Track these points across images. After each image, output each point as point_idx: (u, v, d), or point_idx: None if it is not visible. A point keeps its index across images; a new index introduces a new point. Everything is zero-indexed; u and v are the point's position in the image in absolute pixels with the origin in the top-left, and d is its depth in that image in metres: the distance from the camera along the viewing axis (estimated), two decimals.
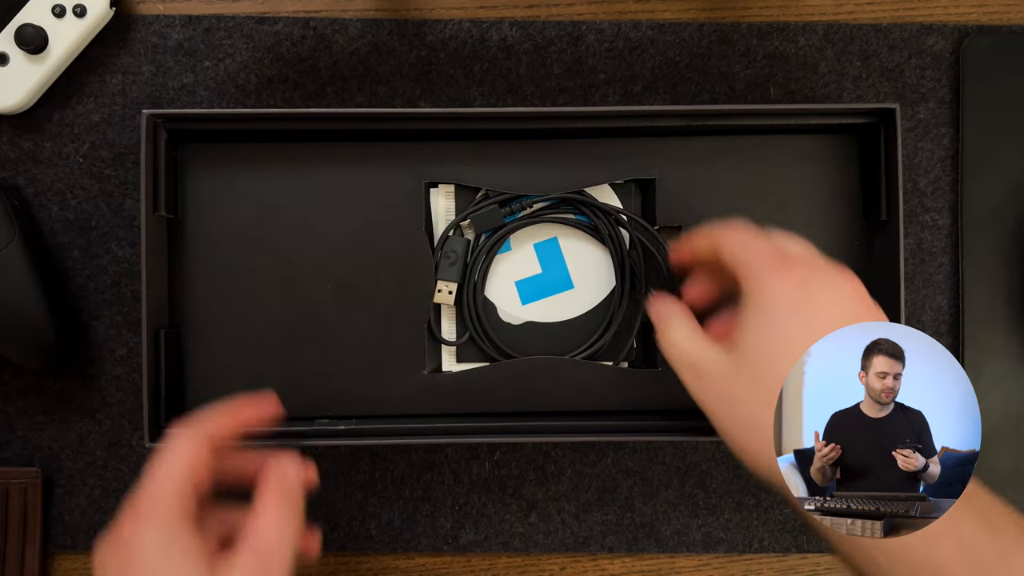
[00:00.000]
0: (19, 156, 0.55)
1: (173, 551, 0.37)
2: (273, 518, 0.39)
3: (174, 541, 0.38)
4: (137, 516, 0.38)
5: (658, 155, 0.51)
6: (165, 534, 0.38)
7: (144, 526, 0.38)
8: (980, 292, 0.55)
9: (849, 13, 0.56)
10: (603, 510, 0.56)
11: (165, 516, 0.38)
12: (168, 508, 0.38)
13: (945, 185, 0.56)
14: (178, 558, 0.37)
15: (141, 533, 0.38)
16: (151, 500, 0.39)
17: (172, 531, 0.38)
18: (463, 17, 0.56)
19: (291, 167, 0.51)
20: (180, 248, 0.51)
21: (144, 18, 0.55)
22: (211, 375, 0.51)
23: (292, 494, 0.40)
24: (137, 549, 0.37)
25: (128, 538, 0.38)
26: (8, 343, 0.52)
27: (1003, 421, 0.55)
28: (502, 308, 0.51)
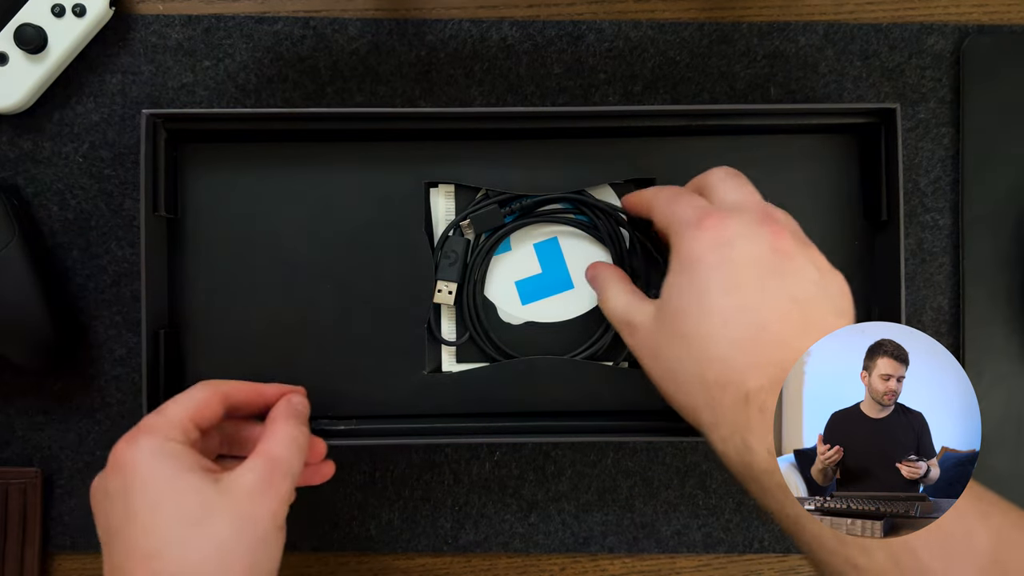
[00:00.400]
0: (19, 156, 0.55)
1: (169, 462, 0.38)
2: (282, 430, 0.41)
3: (172, 455, 0.38)
4: (135, 435, 0.39)
5: (658, 155, 0.51)
6: (163, 448, 0.38)
7: (142, 441, 0.38)
8: (981, 292, 0.55)
9: (850, 13, 0.56)
10: (603, 510, 0.56)
11: (163, 435, 0.39)
12: (167, 429, 0.39)
13: (946, 185, 0.56)
14: (173, 466, 0.38)
15: (138, 447, 0.38)
16: (150, 423, 0.40)
17: (170, 447, 0.39)
18: (463, 17, 0.56)
19: (291, 167, 0.51)
20: (180, 248, 0.51)
21: (144, 18, 0.55)
22: (211, 375, 0.50)
23: (300, 415, 0.43)
24: (133, 463, 0.38)
25: (125, 454, 0.38)
26: (8, 343, 0.52)
27: (1003, 421, 0.55)
28: (502, 308, 0.51)
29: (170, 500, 0.37)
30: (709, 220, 0.41)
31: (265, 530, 0.38)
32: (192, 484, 0.38)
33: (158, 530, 0.37)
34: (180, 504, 0.37)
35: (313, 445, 0.45)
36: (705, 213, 0.41)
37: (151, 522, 0.37)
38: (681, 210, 0.42)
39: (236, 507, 0.38)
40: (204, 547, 0.36)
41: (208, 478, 0.38)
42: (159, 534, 0.36)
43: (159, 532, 0.36)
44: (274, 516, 0.39)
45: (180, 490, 0.37)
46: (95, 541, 0.55)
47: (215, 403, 0.42)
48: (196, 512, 0.37)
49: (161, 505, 0.37)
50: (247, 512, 0.38)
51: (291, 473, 0.40)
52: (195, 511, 0.37)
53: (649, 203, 0.45)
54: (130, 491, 0.37)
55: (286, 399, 0.44)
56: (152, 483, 0.37)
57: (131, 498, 0.37)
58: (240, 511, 0.38)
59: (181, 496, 0.37)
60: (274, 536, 0.38)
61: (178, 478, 0.38)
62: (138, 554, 0.36)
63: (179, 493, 0.37)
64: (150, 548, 0.36)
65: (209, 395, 0.42)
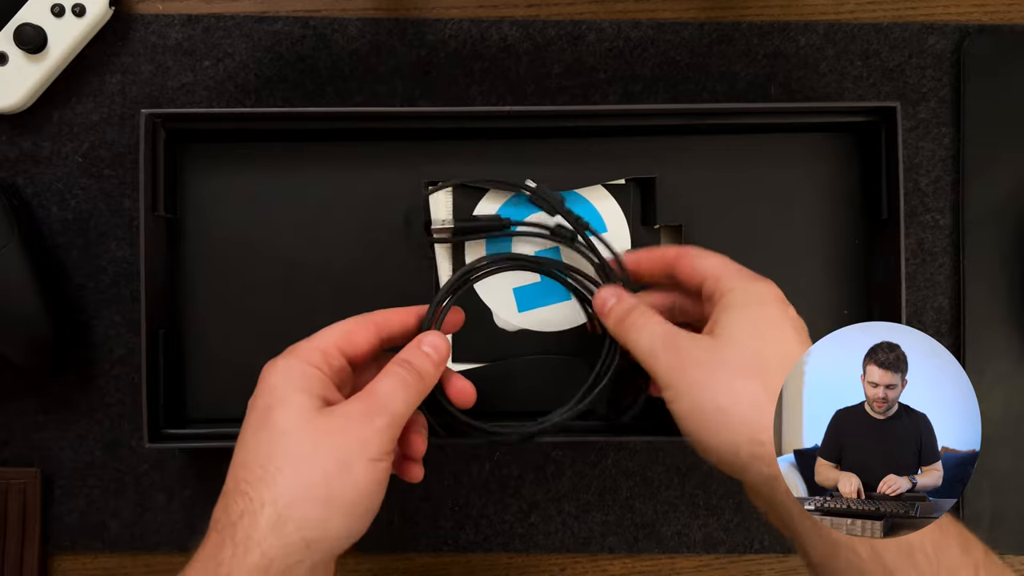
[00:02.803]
0: (18, 156, 0.55)
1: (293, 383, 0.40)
2: (392, 370, 0.41)
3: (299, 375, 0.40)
4: (280, 357, 0.41)
5: (658, 155, 0.51)
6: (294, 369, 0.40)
7: (280, 362, 0.41)
8: (981, 292, 0.55)
9: (850, 12, 0.56)
10: (603, 510, 0.56)
11: (303, 358, 0.41)
12: (309, 354, 0.41)
13: (946, 185, 0.56)
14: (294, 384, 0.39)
15: (276, 367, 0.40)
16: (298, 346, 0.41)
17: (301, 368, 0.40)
18: (463, 17, 0.56)
19: (291, 167, 0.51)
20: (179, 248, 0.51)
21: (143, 17, 0.55)
22: (210, 375, 0.51)
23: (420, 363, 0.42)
24: (266, 380, 0.40)
25: (265, 371, 0.41)
26: (7, 343, 0.52)
27: (1004, 421, 0.55)
28: (498, 314, 0.51)
29: (272, 416, 0.39)
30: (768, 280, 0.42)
31: (348, 455, 0.38)
32: (297, 402, 0.39)
33: (252, 442, 0.38)
34: (278, 420, 0.38)
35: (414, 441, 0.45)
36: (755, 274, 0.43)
37: (252, 434, 0.39)
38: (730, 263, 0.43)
39: (324, 430, 0.38)
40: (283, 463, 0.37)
41: (316, 402, 0.39)
42: (251, 446, 0.38)
43: (252, 444, 0.38)
44: (363, 444, 0.38)
45: (284, 406, 0.39)
46: (95, 541, 0.55)
47: (365, 330, 0.43)
48: (288, 429, 0.38)
49: (265, 420, 0.39)
50: (333, 436, 0.38)
51: (390, 410, 0.40)
52: (287, 428, 0.38)
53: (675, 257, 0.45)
54: (255, 405, 0.40)
55: (416, 342, 0.43)
56: (269, 398, 0.39)
57: (253, 411, 0.39)
58: (327, 434, 0.38)
59: (282, 412, 0.39)
60: (362, 465, 0.38)
61: (288, 395, 0.39)
62: (234, 462, 0.39)
63: (282, 409, 0.39)
64: (241, 457, 0.38)
65: (358, 322, 0.43)
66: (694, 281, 0.44)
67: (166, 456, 0.55)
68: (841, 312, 0.52)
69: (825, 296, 0.52)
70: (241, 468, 0.38)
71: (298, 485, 0.37)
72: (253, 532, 0.36)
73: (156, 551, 0.55)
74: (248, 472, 0.37)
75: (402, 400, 0.40)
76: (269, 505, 0.36)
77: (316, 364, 0.41)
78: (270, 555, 0.36)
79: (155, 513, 0.55)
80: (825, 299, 0.52)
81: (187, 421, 0.51)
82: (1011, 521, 0.55)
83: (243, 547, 0.36)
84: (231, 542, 0.36)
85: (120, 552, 0.55)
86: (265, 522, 0.36)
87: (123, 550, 0.55)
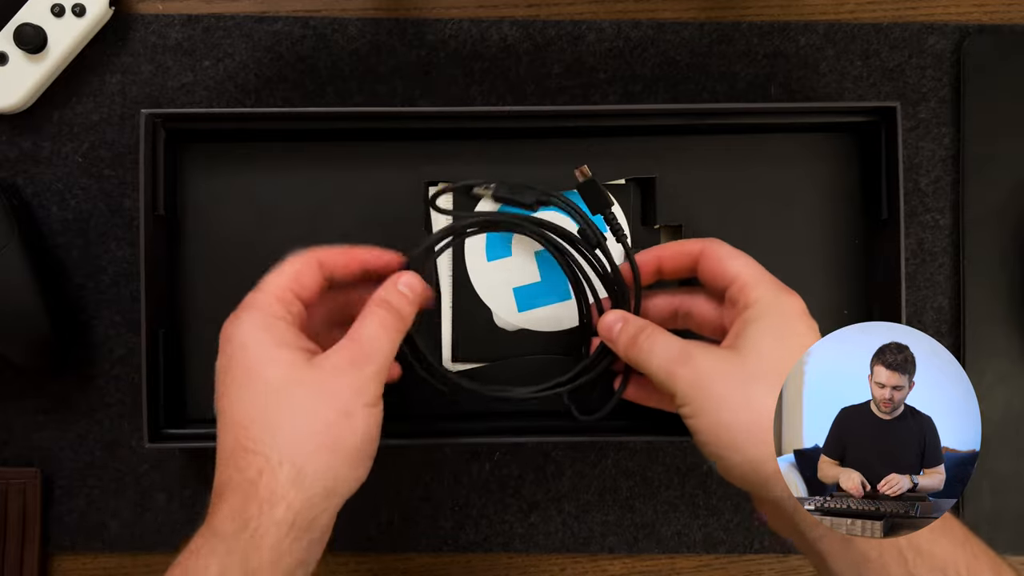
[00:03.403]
0: (18, 156, 0.55)
1: (265, 336, 0.40)
2: (373, 314, 0.41)
3: (269, 329, 0.40)
4: (237, 313, 0.41)
5: (658, 154, 0.51)
6: (261, 323, 0.40)
7: (243, 317, 0.40)
8: (981, 292, 0.55)
9: (850, 12, 0.56)
10: (603, 510, 0.56)
11: (263, 310, 0.40)
12: (267, 304, 0.41)
13: (946, 185, 0.56)
14: (269, 340, 0.39)
15: (239, 324, 0.40)
16: (250, 299, 0.41)
17: (268, 322, 0.40)
18: (463, 17, 0.56)
19: (291, 167, 0.51)
20: (179, 248, 0.51)
21: (143, 17, 0.55)
22: (210, 375, 0.50)
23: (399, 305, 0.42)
24: (233, 338, 0.40)
25: (227, 330, 0.40)
26: (7, 343, 0.52)
27: (1004, 421, 0.55)
28: (497, 313, 0.51)
29: (260, 373, 0.39)
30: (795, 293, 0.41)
31: (347, 404, 0.38)
32: (283, 358, 0.39)
33: (246, 401, 0.39)
34: (269, 377, 0.39)
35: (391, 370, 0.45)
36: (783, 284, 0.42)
37: (242, 394, 0.39)
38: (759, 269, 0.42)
39: (318, 382, 0.39)
40: (285, 418, 0.38)
41: (301, 355, 0.39)
42: (247, 405, 0.38)
43: (247, 403, 0.38)
44: (357, 392, 0.39)
45: (271, 362, 0.39)
46: (95, 541, 0.55)
47: (312, 270, 0.43)
48: (282, 385, 0.38)
49: (252, 378, 0.39)
50: (329, 387, 0.39)
51: (378, 355, 0.40)
52: (281, 384, 0.38)
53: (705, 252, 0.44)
54: (229, 366, 0.40)
55: (390, 280, 0.43)
56: (247, 357, 0.39)
57: (229, 372, 0.39)
58: (322, 385, 0.39)
59: (271, 369, 0.39)
60: (361, 412, 0.39)
61: (270, 351, 0.39)
62: (229, 423, 0.39)
63: (269, 366, 0.39)
64: (239, 418, 0.38)
65: (304, 263, 0.43)
66: (719, 283, 0.43)
67: (166, 456, 0.55)
68: (841, 312, 0.52)
69: (825, 296, 0.52)
70: (240, 428, 0.38)
71: (307, 438, 0.38)
72: (276, 487, 0.37)
73: (156, 551, 0.55)
74: (251, 431, 0.38)
75: (387, 343, 0.41)
76: (287, 461, 0.37)
77: (280, 315, 0.41)
78: (295, 508, 0.37)
79: (155, 513, 0.55)
80: (825, 299, 0.51)
81: (187, 421, 0.51)
82: (1011, 521, 0.55)
83: (268, 503, 0.37)
84: (255, 499, 0.37)
85: (120, 552, 0.55)
86: (285, 477, 0.37)
87: (123, 550, 0.55)
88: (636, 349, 0.43)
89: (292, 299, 0.42)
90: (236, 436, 0.38)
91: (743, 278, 0.42)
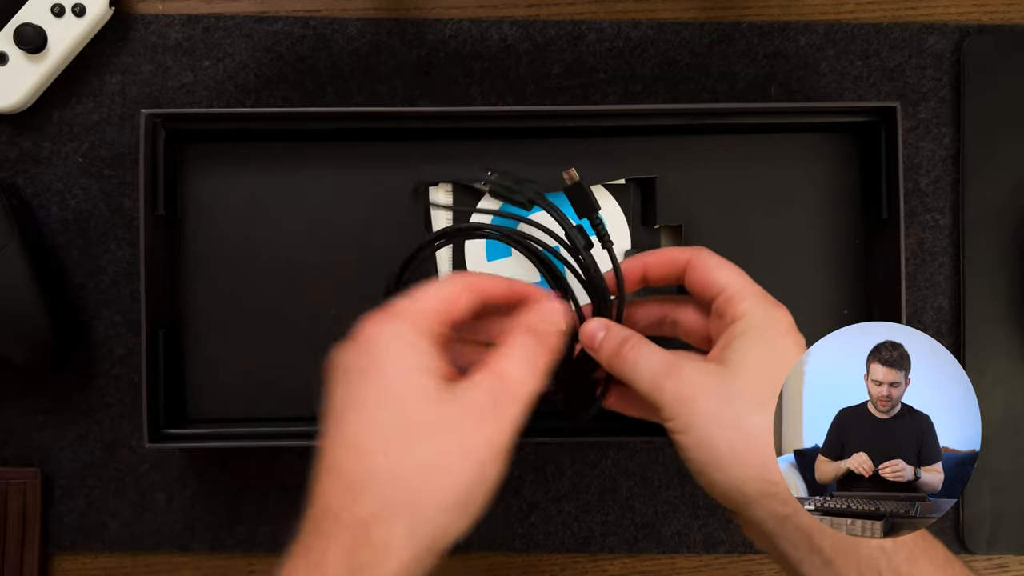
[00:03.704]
0: (18, 156, 0.55)
1: (412, 357, 0.36)
2: (521, 344, 0.38)
3: (414, 347, 0.36)
4: (386, 317, 0.37)
5: (658, 155, 0.51)
6: (407, 338, 0.36)
7: (391, 326, 0.37)
8: (981, 292, 0.55)
9: (850, 12, 0.56)
10: (603, 510, 0.56)
11: (412, 323, 0.37)
12: (419, 320, 0.37)
13: (946, 185, 0.56)
14: (414, 362, 0.36)
15: (389, 333, 0.37)
16: (403, 307, 0.38)
17: (414, 339, 0.37)
18: (463, 17, 0.56)
19: (291, 167, 0.51)
20: (179, 248, 0.51)
21: (143, 17, 0.55)
22: (210, 375, 0.51)
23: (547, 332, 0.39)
24: (379, 347, 0.36)
25: (371, 334, 0.37)
26: (7, 343, 0.52)
27: (1004, 421, 0.55)
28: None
29: (397, 401, 0.36)
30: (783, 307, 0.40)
31: (483, 454, 0.35)
32: (426, 387, 0.36)
33: (380, 428, 0.35)
34: (407, 409, 0.35)
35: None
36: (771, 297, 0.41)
37: (375, 417, 0.35)
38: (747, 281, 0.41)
39: (457, 426, 0.35)
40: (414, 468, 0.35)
41: (442, 385, 0.36)
42: (376, 430, 0.35)
43: (376, 428, 0.35)
44: (496, 440, 0.36)
45: (410, 390, 0.36)
46: (95, 541, 0.55)
47: (472, 295, 0.39)
48: (419, 422, 0.35)
49: (387, 402, 0.36)
50: (467, 433, 0.35)
51: (522, 396, 0.37)
52: (418, 420, 0.35)
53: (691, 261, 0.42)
54: (367, 375, 0.36)
55: (539, 307, 0.40)
56: (389, 375, 0.36)
57: (366, 383, 0.36)
58: (461, 431, 0.35)
59: (410, 400, 0.36)
60: (495, 463, 0.36)
61: (412, 377, 0.36)
62: (352, 444, 0.35)
63: (409, 395, 0.36)
64: (364, 442, 0.35)
65: (466, 286, 0.39)
66: (706, 294, 0.42)
67: (166, 456, 0.55)
68: (841, 312, 0.52)
69: (825, 296, 0.52)
70: (364, 454, 0.35)
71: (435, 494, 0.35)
72: (391, 540, 0.34)
73: (156, 551, 0.55)
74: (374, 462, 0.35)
75: (534, 382, 0.38)
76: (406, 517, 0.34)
77: (427, 333, 0.37)
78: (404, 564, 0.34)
79: (155, 513, 0.55)
80: (825, 299, 0.51)
81: (187, 421, 0.51)
82: (1011, 521, 0.55)
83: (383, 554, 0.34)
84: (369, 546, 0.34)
85: (120, 552, 0.55)
86: (401, 532, 0.34)
87: (123, 550, 0.55)
88: (620, 359, 0.41)
89: (444, 320, 0.38)
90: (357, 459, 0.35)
91: (731, 289, 0.41)
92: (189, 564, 0.55)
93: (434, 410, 0.35)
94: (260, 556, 0.56)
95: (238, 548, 0.56)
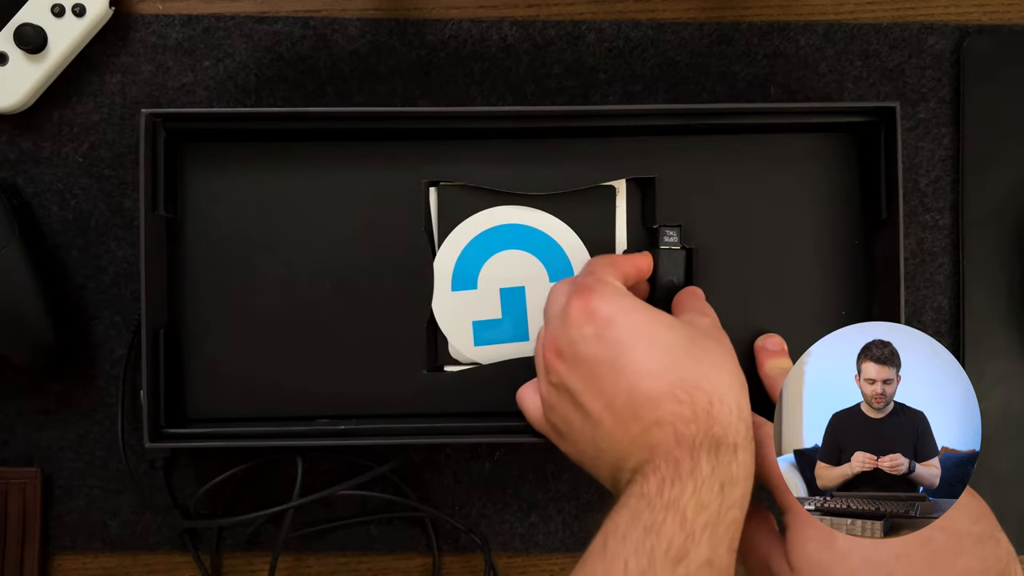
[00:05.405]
0: (18, 156, 0.55)
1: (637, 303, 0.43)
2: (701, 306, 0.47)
3: (632, 298, 0.43)
4: (597, 288, 0.42)
5: (658, 154, 0.51)
6: (624, 291, 0.44)
7: (608, 292, 0.43)
8: (981, 292, 0.55)
9: (850, 13, 0.56)
10: (603, 510, 0.56)
11: (615, 285, 0.44)
12: (614, 280, 0.44)
13: (945, 185, 0.56)
14: (644, 307, 0.43)
15: (612, 297, 0.42)
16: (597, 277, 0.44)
17: (625, 292, 0.44)
18: (463, 17, 0.56)
19: (291, 167, 0.51)
20: (180, 248, 0.51)
21: (143, 17, 0.55)
22: (211, 375, 0.51)
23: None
24: (613, 309, 0.42)
25: (600, 306, 0.42)
26: (7, 343, 0.52)
27: (1004, 421, 0.55)
28: (453, 344, 0.51)
29: (655, 330, 0.41)
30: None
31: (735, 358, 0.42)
32: (662, 318, 0.42)
33: (656, 352, 0.41)
34: (663, 336, 0.41)
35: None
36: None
37: (651, 346, 0.41)
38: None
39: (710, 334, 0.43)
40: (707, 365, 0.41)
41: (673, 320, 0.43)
42: (660, 355, 0.40)
43: (658, 354, 0.40)
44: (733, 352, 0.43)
45: (658, 324, 0.42)
46: (95, 541, 0.55)
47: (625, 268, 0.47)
48: (683, 340, 0.41)
49: (652, 334, 0.41)
50: (722, 342, 0.43)
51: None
52: (681, 339, 0.41)
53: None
54: (621, 329, 0.41)
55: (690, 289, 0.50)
56: (635, 320, 0.42)
57: (623, 334, 0.41)
58: (719, 342, 0.43)
59: (661, 329, 0.42)
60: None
61: (650, 314, 0.42)
62: (646, 372, 0.40)
63: (659, 326, 0.42)
64: (659, 365, 0.40)
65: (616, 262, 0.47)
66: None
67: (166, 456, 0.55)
68: (839, 312, 0.52)
69: (824, 296, 0.51)
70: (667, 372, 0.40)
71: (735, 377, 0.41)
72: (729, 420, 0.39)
73: (156, 551, 0.55)
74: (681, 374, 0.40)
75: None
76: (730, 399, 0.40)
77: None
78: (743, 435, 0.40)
79: (155, 513, 0.55)
80: (824, 299, 0.51)
81: (187, 421, 0.51)
82: (1011, 521, 0.55)
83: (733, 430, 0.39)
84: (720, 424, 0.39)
85: (120, 552, 0.55)
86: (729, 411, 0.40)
87: (123, 550, 0.55)
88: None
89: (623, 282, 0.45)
90: (665, 379, 0.39)
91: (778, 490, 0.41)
92: (189, 564, 0.55)
93: (684, 331, 0.42)
94: (260, 556, 0.56)
95: (238, 548, 0.56)
